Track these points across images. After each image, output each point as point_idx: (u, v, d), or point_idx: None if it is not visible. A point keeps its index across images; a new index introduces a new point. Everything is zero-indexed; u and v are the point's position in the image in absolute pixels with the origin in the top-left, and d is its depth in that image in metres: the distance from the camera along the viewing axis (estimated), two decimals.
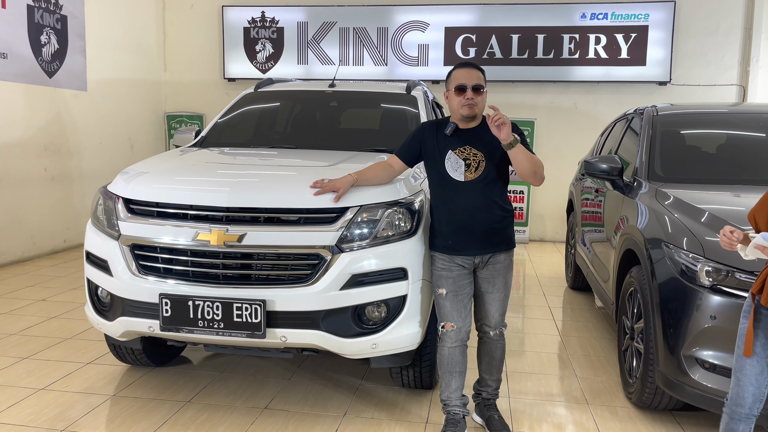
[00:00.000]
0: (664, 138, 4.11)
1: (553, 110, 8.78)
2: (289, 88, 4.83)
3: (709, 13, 8.29)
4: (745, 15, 8.21)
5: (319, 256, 2.86)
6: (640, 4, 8.31)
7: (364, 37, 8.93)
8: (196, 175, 3.35)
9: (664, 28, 8.28)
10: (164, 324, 2.91)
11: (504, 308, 3.02)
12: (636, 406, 3.41)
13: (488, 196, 2.84)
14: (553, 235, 8.96)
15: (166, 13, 9.40)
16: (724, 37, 8.30)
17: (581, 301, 5.72)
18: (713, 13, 8.29)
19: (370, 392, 3.55)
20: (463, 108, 2.81)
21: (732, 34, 8.27)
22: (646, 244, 3.25)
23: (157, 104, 9.43)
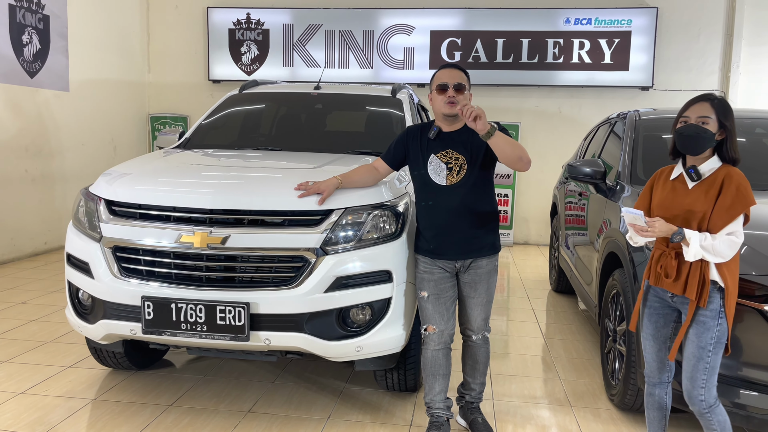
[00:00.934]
0: (647, 142, 4.15)
1: (538, 114, 8.84)
2: (275, 90, 4.82)
3: (690, 20, 8.41)
4: (726, 22, 8.34)
5: (304, 258, 2.85)
6: (623, 10, 8.40)
7: (349, 40, 8.93)
8: (179, 176, 3.32)
9: (646, 33, 8.38)
10: (146, 327, 2.88)
11: (487, 313, 3.00)
12: (618, 408, 3.43)
13: (470, 200, 2.81)
14: (537, 238, 9.01)
15: (150, 13, 9.33)
16: (705, 43, 8.42)
17: (565, 303, 5.76)
18: (695, 20, 8.40)
19: (354, 395, 3.54)
20: (445, 106, 2.78)
21: (713, 40, 8.39)
22: (629, 247, 3.28)
23: (140, 105, 9.35)
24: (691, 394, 2.39)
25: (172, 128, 4.92)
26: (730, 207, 2.28)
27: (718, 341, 2.34)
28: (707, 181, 2.38)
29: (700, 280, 2.32)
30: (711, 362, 2.35)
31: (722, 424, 2.38)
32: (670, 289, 2.42)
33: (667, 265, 2.40)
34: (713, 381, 2.37)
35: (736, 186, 2.30)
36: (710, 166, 2.39)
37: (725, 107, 2.40)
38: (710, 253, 2.29)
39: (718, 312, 2.34)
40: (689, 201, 2.38)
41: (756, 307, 2.51)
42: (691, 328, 2.39)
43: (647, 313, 2.59)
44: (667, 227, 2.33)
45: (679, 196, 2.43)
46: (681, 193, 2.43)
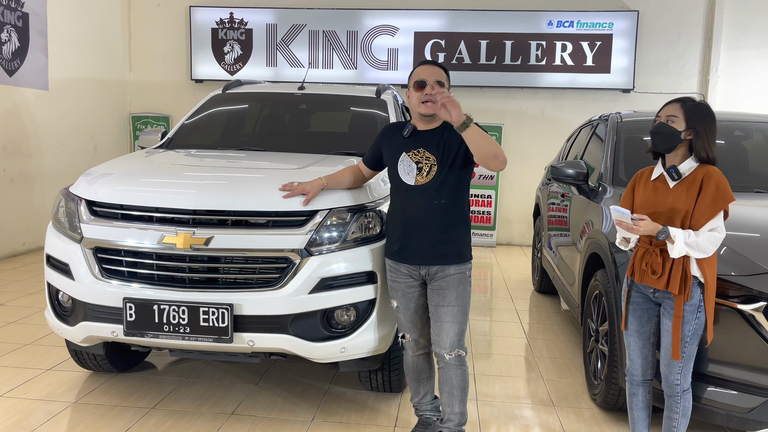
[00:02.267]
0: (628, 144, 4.19)
1: (521, 116, 8.90)
2: (258, 90, 4.79)
3: (670, 23, 8.52)
4: (705, 25, 8.46)
5: (288, 259, 2.83)
6: (604, 13, 8.49)
7: (333, 41, 8.92)
8: (162, 176, 3.29)
9: (627, 36, 8.48)
10: (128, 329, 2.85)
11: (460, 329, 2.72)
12: (600, 408, 3.46)
13: (439, 202, 2.66)
14: (520, 239, 9.07)
15: (131, 12, 9.23)
16: (685, 46, 8.53)
17: (547, 304, 5.80)
18: (675, 24, 8.52)
19: (339, 396, 3.53)
20: (421, 106, 2.65)
21: (693, 44, 8.51)
22: (611, 248, 3.31)
23: (121, 105, 9.25)
24: (669, 379, 2.55)
25: (154, 128, 4.87)
26: (711, 204, 2.39)
27: (695, 333, 2.48)
28: (687, 180, 2.48)
29: (682, 275, 2.43)
30: (687, 352, 2.50)
31: (685, 410, 2.56)
32: (654, 285, 2.51)
33: (653, 263, 2.49)
34: (689, 368, 2.53)
35: (716, 183, 2.41)
36: (689, 166, 2.50)
37: (696, 109, 2.50)
38: (694, 250, 2.39)
39: (697, 306, 2.46)
40: (671, 200, 2.48)
41: (732, 306, 2.55)
42: (671, 321, 2.49)
43: (631, 309, 2.67)
44: (653, 226, 2.41)
45: (661, 195, 2.52)
46: (663, 193, 2.52)
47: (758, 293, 2.52)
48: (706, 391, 2.67)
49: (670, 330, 2.50)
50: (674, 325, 2.48)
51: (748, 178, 3.88)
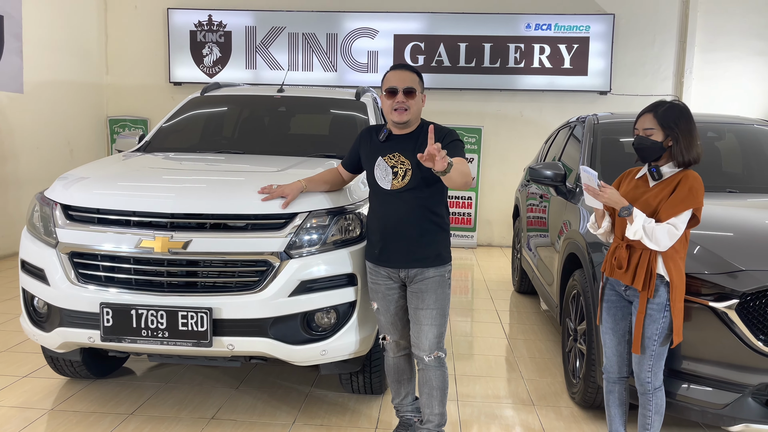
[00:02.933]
0: (605, 145, 4.25)
1: (500, 118, 8.96)
2: (237, 93, 4.77)
3: (645, 27, 8.65)
4: (680, 29, 8.60)
5: (267, 262, 2.83)
6: (581, 16, 8.59)
7: (313, 43, 8.91)
8: (139, 180, 3.26)
9: (604, 39, 8.59)
10: (105, 334, 2.82)
11: (440, 331, 2.74)
12: (579, 406, 3.50)
13: (415, 206, 2.66)
14: (501, 240, 9.13)
15: (108, 14, 9.13)
16: (659, 49, 8.66)
17: (527, 304, 5.85)
18: (650, 27, 8.65)
19: (320, 399, 3.53)
20: (393, 113, 2.65)
21: (667, 46, 8.65)
22: (588, 248, 3.35)
23: (98, 108, 9.14)
24: (640, 376, 2.60)
25: (132, 131, 4.83)
26: (679, 203, 2.46)
27: (662, 332, 2.53)
28: (666, 181, 2.56)
29: (647, 272, 2.49)
30: (656, 351, 2.55)
31: (659, 407, 2.60)
32: (621, 279, 2.60)
33: (620, 256, 2.58)
34: (659, 366, 2.57)
35: (689, 187, 2.48)
36: (671, 169, 2.57)
37: (669, 115, 2.55)
38: (648, 237, 2.45)
39: (664, 305, 2.51)
40: (647, 196, 2.56)
41: (705, 304, 2.60)
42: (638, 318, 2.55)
43: (605, 307, 2.73)
44: (618, 198, 2.50)
45: (639, 191, 2.61)
46: (642, 189, 2.61)
47: (730, 291, 2.57)
48: (680, 388, 2.71)
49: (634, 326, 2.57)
50: (636, 321, 2.55)
51: (720, 179, 3.96)
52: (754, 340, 2.55)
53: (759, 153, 4.25)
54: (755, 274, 2.58)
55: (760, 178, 4.07)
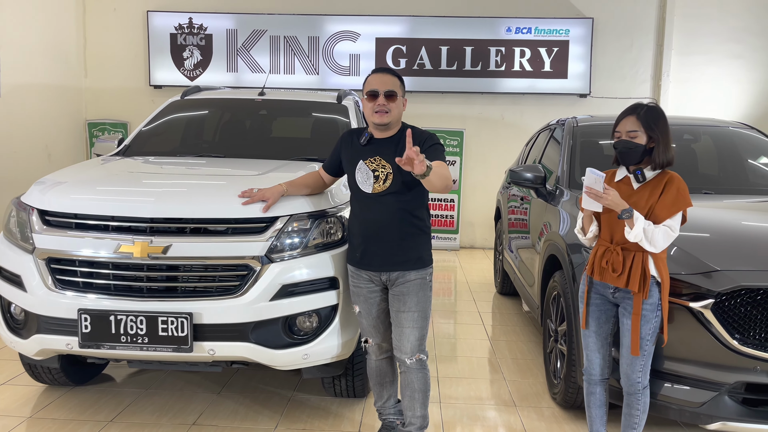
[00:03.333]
0: (584, 148, 4.30)
1: (482, 121, 9.02)
2: (218, 96, 4.75)
3: (624, 30, 8.76)
4: (657, 32, 8.72)
5: (248, 266, 2.81)
6: (561, 20, 8.67)
7: (295, 46, 8.89)
8: (118, 184, 3.23)
9: (583, 43, 8.68)
10: (84, 340, 2.79)
11: (421, 333, 2.75)
12: (560, 406, 3.53)
13: (397, 210, 2.68)
14: (483, 242, 9.17)
15: (86, 16, 9.03)
16: (637, 52, 8.78)
17: (509, 305, 5.88)
18: (628, 30, 8.76)
19: (302, 402, 3.52)
20: (374, 115, 2.66)
21: (645, 50, 8.76)
22: (568, 250, 3.38)
23: (77, 111, 9.03)
24: (630, 377, 2.62)
25: (111, 135, 4.78)
26: (671, 205, 2.51)
27: (654, 331, 2.57)
28: (651, 183, 2.59)
29: (641, 274, 2.51)
30: (648, 350, 2.58)
31: (645, 406, 2.65)
32: (614, 283, 2.59)
33: (614, 261, 2.58)
34: (648, 365, 2.61)
35: (677, 188, 2.54)
36: (655, 171, 2.61)
37: (651, 117, 2.58)
38: (647, 240, 2.48)
39: (656, 305, 2.55)
40: (634, 200, 2.58)
41: (684, 304, 2.64)
42: (631, 320, 2.56)
43: (590, 310, 2.74)
44: (620, 200, 2.51)
45: (624, 195, 2.61)
46: (626, 193, 2.62)
47: (706, 291, 2.61)
48: (663, 388, 2.75)
49: (629, 328, 2.58)
50: (633, 323, 2.56)
51: (697, 180, 4.02)
52: (729, 339, 2.59)
53: (734, 155, 4.33)
54: (730, 274, 2.62)
55: (735, 180, 4.14)
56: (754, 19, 8.56)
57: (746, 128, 4.55)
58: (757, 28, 8.57)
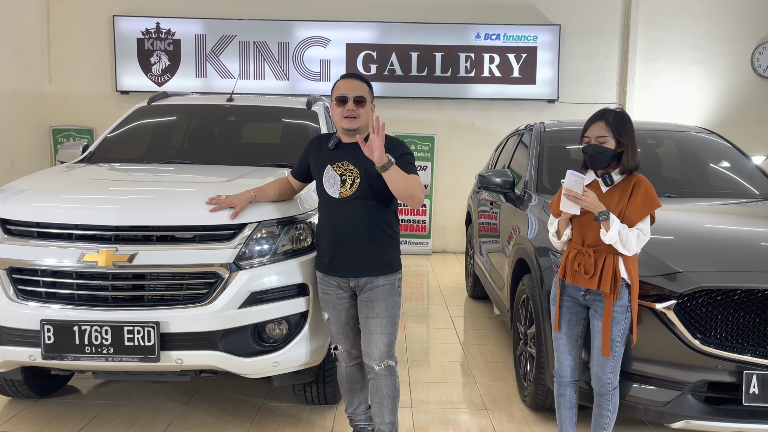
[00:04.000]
0: (552, 152, 4.36)
1: (452, 126, 9.09)
2: (185, 102, 4.70)
3: (590, 37, 8.92)
4: (622, 39, 8.91)
5: (216, 274, 2.79)
6: (529, 27, 8.80)
7: (264, 52, 8.85)
8: (82, 192, 3.17)
9: (551, 49, 8.82)
10: (47, 352, 2.72)
11: (390, 339, 2.74)
12: (530, 408, 3.57)
13: (364, 215, 2.67)
14: (455, 246, 9.23)
15: (50, 21, 8.86)
16: (603, 59, 8.95)
17: (480, 309, 5.93)
18: (594, 37, 8.93)
19: (273, 410, 3.49)
20: (343, 120, 2.68)
21: (610, 56, 8.94)
22: (536, 253, 3.43)
23: (40, 117, 8.84)
24: (601, 378, 2.66)
25: (77, 141, 4.69)
26: (641, 207, 2.57)
27: (624, 333, 2.62)
28: (619, 186, 2.64)
29: (613, 276, 2.56)
30: (618, 351, 2.63)
31: (615, 406, 2.70)
32: (586, 285, 2.63)
33: (586, 263, 2.63)
34: (618, 366, 2.66)
35: (645, 190, 2.60)
36: (622, 174, 2.66)
37: (619, 122, 2.63)
38: (621, 243, 2.53)
39: (626, 307, 2.60)
40: (603, 203, 2.61)
41: (648, 305, 2.69)
42: (601, 321, 2.61)
43: (561, 312, 2.78)
44: (598, 203, 2.56)
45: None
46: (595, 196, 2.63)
47: (669, 292, 2.67)
48: (631, 388, 2.79)
49: (600, 330, 2.62)
50: (604, 324, 2.60)
51: (660, 184, 4.08)
52: (692, 339, 2.65)
53: (696, 159, 4.44)
54: (691, 275, 2.68)
55: (697, 184, 4.25)
56: (715, 26, 8.81)
57: (708, 133, 4.68)
58: (717, 35, 8.82)
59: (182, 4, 8.84)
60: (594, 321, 2.68)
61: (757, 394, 2.62)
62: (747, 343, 2.66)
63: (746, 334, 2.66)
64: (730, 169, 4.34)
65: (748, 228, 3.38)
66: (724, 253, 2.91)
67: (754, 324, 2.66)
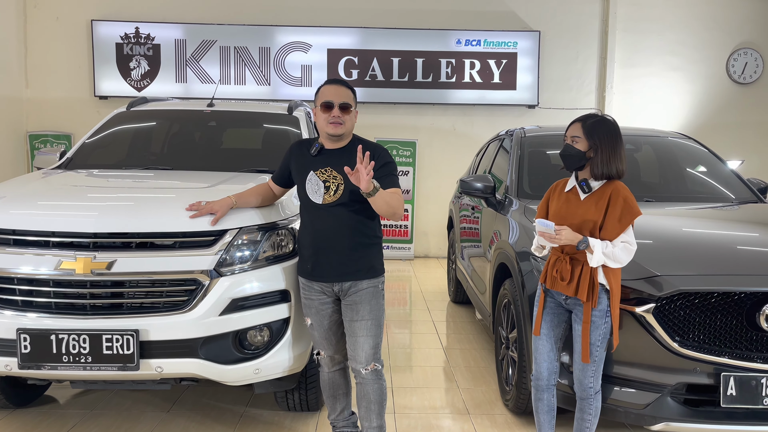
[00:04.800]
0: (532, 158, 4.39)
1: (434, 131, 9.12)
2: (165, 107, 4.66)
3: (569, 43, 9.03)
4: (600, 45, 9.03)
5: (197, 281, 2.76)
6: (509, 33, 8.87)
7: (245, 57, 8.81)
8: (59, 198, 3.13)
9: (531, 55, 8.90)
10: (23, 361, 2.67)
11: (375, 342, 2.76)
12: (513, 413, 3.58)
13: (347, 220, 2.69)
14: (437, 251, 9.25)
15: (27, 25, 8.74)
16: (582, 64, 9.06)
17: (463, 314, 5.94)
18: (573, 43, 9.03)
19: (255, 418, 3.46)
20: (329, 126, 2.69)
21: (589, 62, 9.05)
22: (517, 258, 3.45)
23: (17, 123, 8.70)
24: (582, 382, 2.68)
25: (54, 147, 4.63)
26: (621, 218, 2.56)
27: (604, 338, 2.63)
28: (597, 193, 2.64)
29: (590, 283, 2.57)
30: (598, 355, 2.64)
31: (597, 410, 2.71)
32: (564, 292, 2.65)
33: (563, 270, 2.64)
34: (600, 370, 2.67)
35: (623, 199, 2.58)
36: (599, 181, 2.66)
37: (595, 126, 2.65)
38: (611, 260, 2.55)
39: (605, 312, 2.61)
40: (582, 211, 2.63)
41: (628, 309, 2.72)
42: (581, 326, 2.62)
43: (547, 318, 2.78)
44: (573, 235, 2.56)
45: (572, 206, 2.67)
46: (574, 204, 2.68)
47: (648, 296, 2.70)
48: (612, 392, 2.81)
49: (580, 335, 2.64)
50: (583, 330, 2.62)
51: (639, 188, 4.13)
52: (670, 342, 2.69)
53: (674, 164, 4.50)
54: (670, 278, 2.72)
55: (675, 188, 4.31)
56: (692, 33, 8.97)
57: (685, 138, 4.75)
58: (694, 42, 8.97)
59: (162, 9, 8.78)
60: (575, 325, 2.70)
61: (734, 396, 2.66)
62: (724, 345, 2.70)
63: (723, 337, 2.70)
64: (707, 174, 4.42)
65: (725, 232, 3.43)
66: (701, 257, 2.95)
67: (730, 326, 2.70)
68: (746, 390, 2.66)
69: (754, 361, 2.67)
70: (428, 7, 8.91)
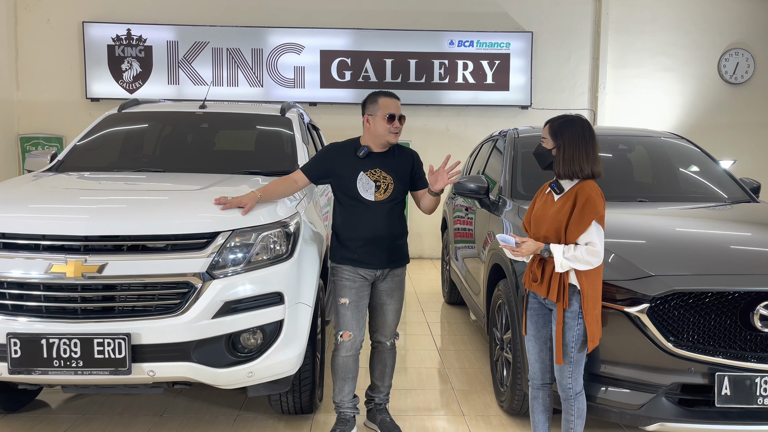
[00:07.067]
0: (525, 158, 4.38)
1: (427, 132, 9.12)
2: (157, 109, 4.63)
3: (561, 44, 9.05)
4: (593, 46, 9.05)
5: (189, 284, 2.74)
6: (501, 34, 8.89)
7: (238, 58, 8.78)
8: (50, 201, 3.09)
9: (523, 56, 8.91)
10: (13, 366, 2.65)
11: (398, 319, 3.30)
12: (507, 414, 3.57)
13: (392, 216, 3.12)
14: (431, 252, 9.25)
15: (18, 27, 8.68)
16: (575, 65, 9.08)
17: (457, 315, 5.93)
18: (565, 44, 9.05)
19: (249, 422, 3.44)
20: (391, 135, 3.10)
21: (582, 63, 9.08)
22: (511, 259, 3.44)
23: (8, 125, 8.64)
24: (561, 383, 2.68)
25: (46, 149, 4.59)
26: (580, 219, 2.56)
27: (577, 339, 2.62)
28: (567, 194, 2.65)
29: (560, 284, 2.59)
30: (575, 357, 2.63)
31: (580, 411, 2.69)
32: (538, 292, 2.69)
33: (534, 270, 2.69)
34: (579, 372, 2.66)
35: (585, 198, 2.58)
36: (573, 181, 2.67)
37: (560, 126, 2.69)
38: (576, 262, 2.54)
39: (577, 313, 2.61)
40: (554, 212, 2.65)
41: (620, 309, 2.72)
42: (556, 327, 2.64)
43: (528, 315, 2.81)
44: (535, 246, 2.62)
45: (548, 207, 2.71)
46: (549, 205, 2.71)
47: (642, 296, 2.70)
48: (600, 391, 2.81)
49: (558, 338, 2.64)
50: (556, 331, 2.64)
51: (632, 189, 4.17)
52: (665, 342, 2.69)
53: (666, 164, 4.51)
54: (664, 278, 2.72)
55: (668, 188, 4.32)
56: (683, 34, 9.01)
57: (677, 138, 4.76)
58: (685, 42, 9.01)
59: (153, 11, 8.74)
60: (552, 325, 2.71)
61: (729, 396, 2.66)
62: (718, 345, 2.70)
63: (717, 337, 2.70)
64: (700, 174, 4.43)
65: (718, 231, 3.44)
66: (695, 257, 2.95)
67: (725, 326, 2.70)
68: (741, 390, 2.66)
69: (749, 361, 2.67)
70: (421, 8, 8.91)
